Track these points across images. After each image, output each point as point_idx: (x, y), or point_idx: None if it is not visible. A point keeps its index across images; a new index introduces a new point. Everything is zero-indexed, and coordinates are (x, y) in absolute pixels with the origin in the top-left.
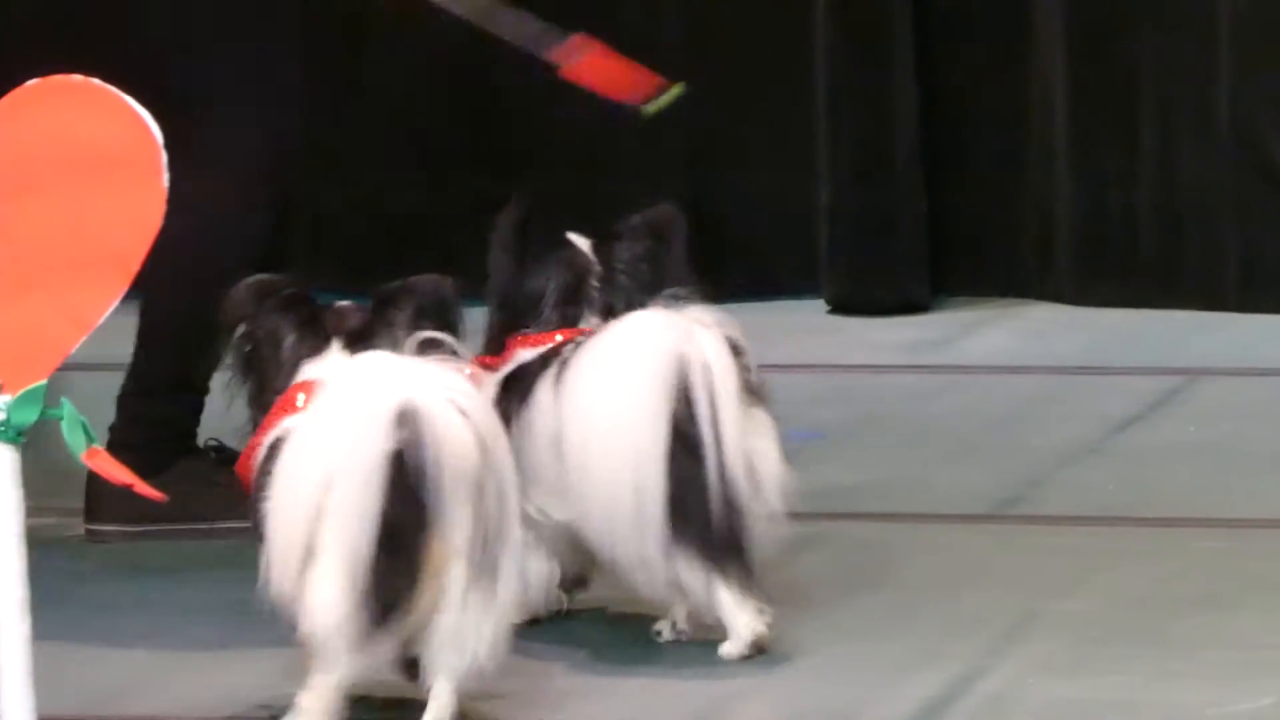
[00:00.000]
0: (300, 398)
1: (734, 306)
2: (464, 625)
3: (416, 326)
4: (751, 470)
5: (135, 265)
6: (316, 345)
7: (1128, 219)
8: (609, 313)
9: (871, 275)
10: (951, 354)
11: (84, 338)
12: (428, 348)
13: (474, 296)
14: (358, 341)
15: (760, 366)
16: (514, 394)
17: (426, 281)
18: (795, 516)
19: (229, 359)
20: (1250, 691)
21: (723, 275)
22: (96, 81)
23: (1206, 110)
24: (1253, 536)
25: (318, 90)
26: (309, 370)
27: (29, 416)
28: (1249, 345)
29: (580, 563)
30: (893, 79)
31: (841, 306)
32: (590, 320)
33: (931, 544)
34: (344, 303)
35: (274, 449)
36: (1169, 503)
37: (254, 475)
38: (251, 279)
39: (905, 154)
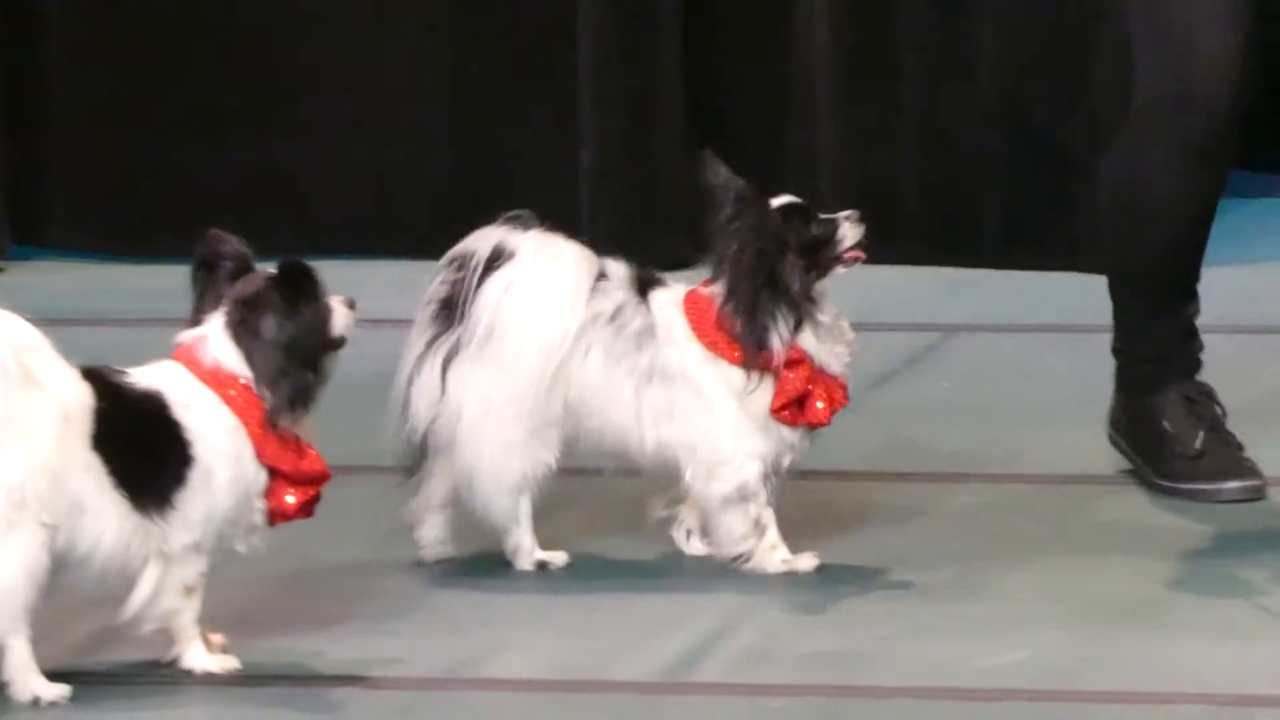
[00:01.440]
0: None
1: None
2: None
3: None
4: None
5: None
6: None
7: (890, 178)
8: None
9: (633, 236)
10: None
11: None
12: None
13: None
14: None
15: None
16: None
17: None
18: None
19: None
20: (1006, 644)
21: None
22: None
23: (968, 73)
24: (1008, 492)
25: None
26: None
27: None
28: (1006, 302)
29: None
30: (657, 43)
31: None
32: None
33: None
34: None
35: None
36: (925, 458)
37: None
38: None
39: (668, 119)
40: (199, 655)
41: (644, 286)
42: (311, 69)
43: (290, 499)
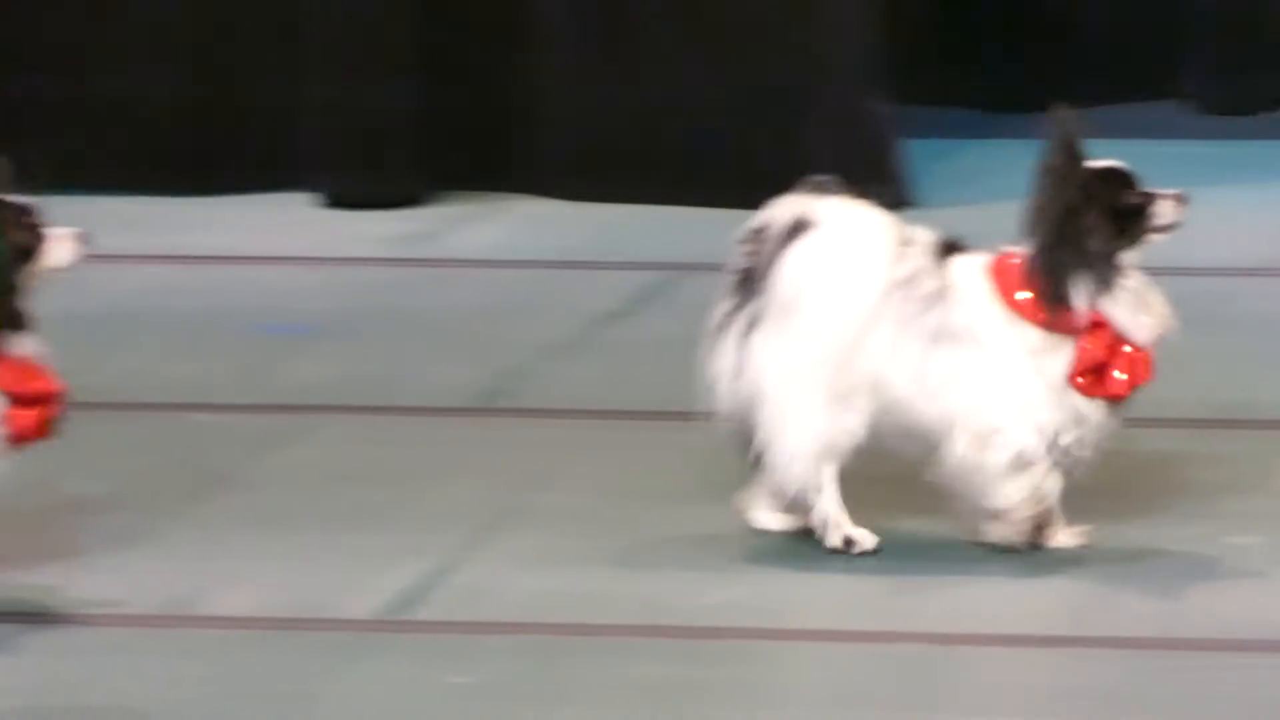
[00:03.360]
0: None
1: (227, 200)
2: None
3: None
4: None
5: None
6: None
7: (619, 117)
8: None
9: (363, 171)
10: (440, 248)
11: None
12: None
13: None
14: None
15: (251, 259)
16: None
17: None
18: (282, 410)
19: None
20: (720, 583)
21: (218, 171)
22: None
23: (689, 11)
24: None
25: None
26: None
27: None
28: (732, 241)
29: None
30: None
31: (334, 201)
32: None
33: (414, 437)
34: None
35: None
36: (648, 397)
37: None
38: None
39: (399, 52)
40: None
41: (946, 251)
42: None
43: (23, 420)
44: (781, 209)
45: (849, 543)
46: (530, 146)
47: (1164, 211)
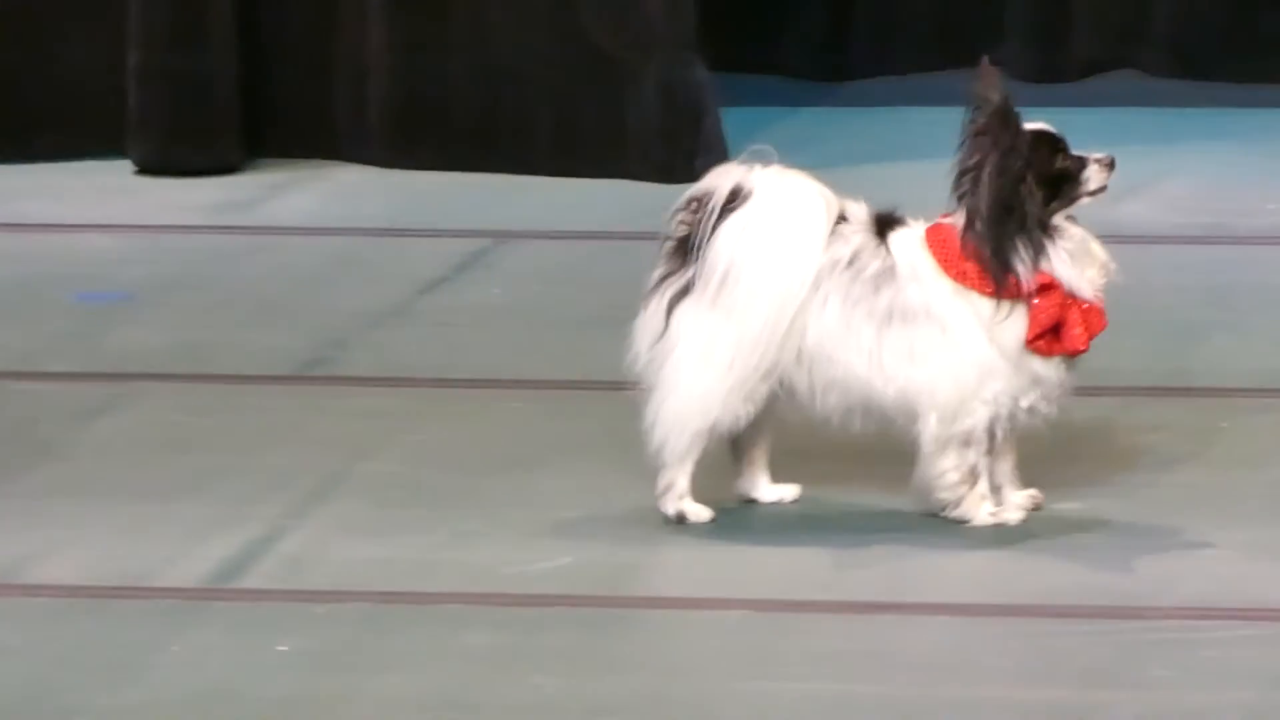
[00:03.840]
0: None
1: (45, 167)
2: None
3: None
4: None
5: None
6: None
7: (441, 84)
8: None
9: (182, 138)
10: (261, 215)
11: None
12: None
13: None
14: None
15: (70, 227)
16: None
17: None
18: (103, 378)
19: None
20: (548, 551)
21: (35, 138)
22: None
23: None
24: (555, 398)
25: None
26: None
27: None
28: (556, 209)
29: None
30: None
31: (150, 168)
32: None
33: (238, 405)
34: None
35: None
36: (473, 364)
37: None
38: None
39: (218, 19)
40: None
41: (883, 227)
42: None
43: None
44: (719, 179)
45: (682, 517)
46: (351, 114)
47: (1095, 177)
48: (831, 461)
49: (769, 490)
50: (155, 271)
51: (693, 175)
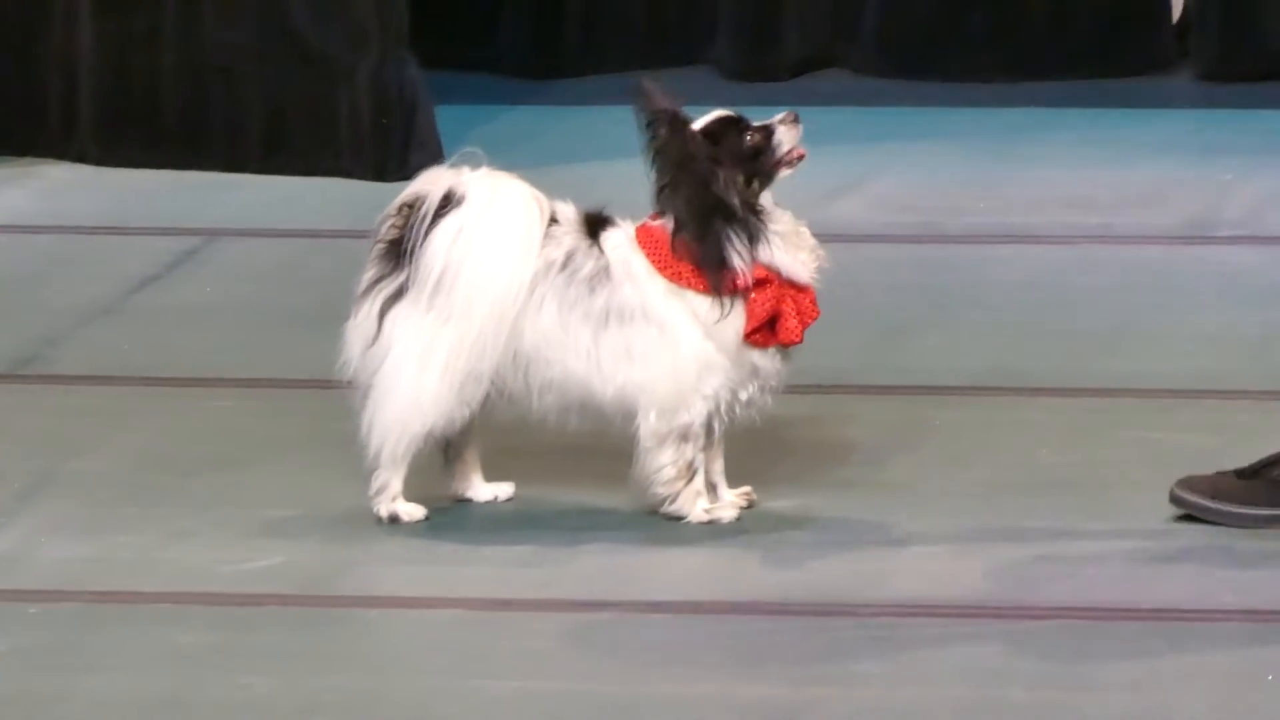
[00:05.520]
0: None
1: None
2: None
3: None
4: None
5: None
6: None
7: (151, 81)
8: None
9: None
10: None
11: None
12: None
13: None
14: None
15: None
16: None
17: None
18: None
19: None
20: (261, 550)
21: None
22: None
23: None
24: (270, 396)
25: None
26: None
27: None
28: (268, 207)
29: None
30: None
31: None
32: None
33: None
34: None
35: None
36: (185, 363)
37: None
38: None
39: None
40: None
41: (594, 228)
42: None
43: None
44: (430, 183)
45: (395, 517)
46: (60, 111)
47: (785, 139)
48: (545, 459)
49: (483, 489)
50: None
51: (406, 173)
